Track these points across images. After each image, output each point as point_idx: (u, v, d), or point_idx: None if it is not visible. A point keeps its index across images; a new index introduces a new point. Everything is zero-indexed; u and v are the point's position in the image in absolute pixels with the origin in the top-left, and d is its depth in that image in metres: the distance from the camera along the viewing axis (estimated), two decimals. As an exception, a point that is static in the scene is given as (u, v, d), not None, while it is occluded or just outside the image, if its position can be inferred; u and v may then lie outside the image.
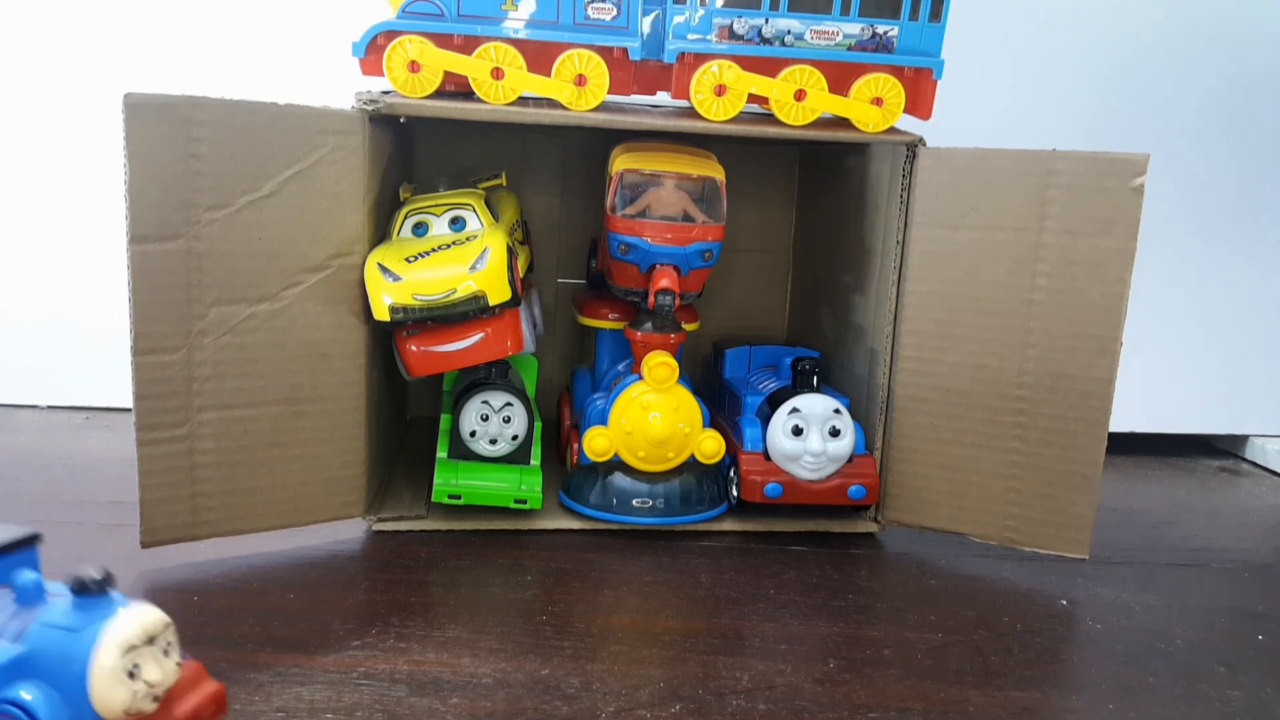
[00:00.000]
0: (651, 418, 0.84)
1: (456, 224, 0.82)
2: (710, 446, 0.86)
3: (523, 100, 0.80)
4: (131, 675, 0.42)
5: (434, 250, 0.77)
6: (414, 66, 0.77)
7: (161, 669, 0.43)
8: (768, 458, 0.86)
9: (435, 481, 0.82)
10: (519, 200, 0.98)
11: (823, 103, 0.81)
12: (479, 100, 0.79)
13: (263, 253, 0.73)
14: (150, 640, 0.43)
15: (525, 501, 0.83)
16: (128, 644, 0.42)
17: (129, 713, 0.42)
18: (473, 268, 0.76)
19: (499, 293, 0.76)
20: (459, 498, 0.82)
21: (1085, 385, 0.78)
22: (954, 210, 0.80)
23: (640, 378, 0.84)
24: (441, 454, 0.84)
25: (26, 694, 0.41)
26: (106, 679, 0.41)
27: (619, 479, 0.85)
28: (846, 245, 0.96)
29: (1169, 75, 1.11)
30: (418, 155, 1.05)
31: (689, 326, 0.91)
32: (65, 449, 1.01)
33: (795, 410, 0.84)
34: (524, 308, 0.84)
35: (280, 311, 0.74)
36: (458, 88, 0.79)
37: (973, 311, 0.81)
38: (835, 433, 0.84)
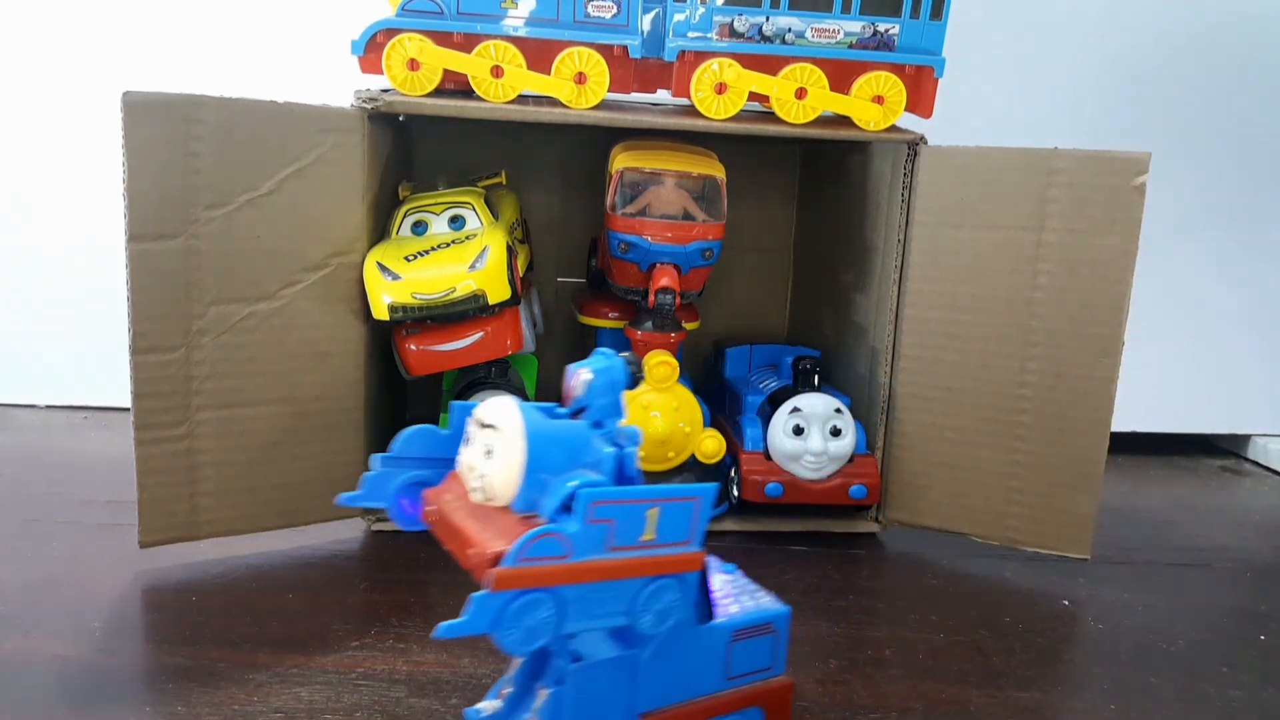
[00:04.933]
0: (652, 417, 0.83)
1: (456, 223, 0.82)
2: (711, 446, 0.85)
3: (522, 98, 0.80)
4: None
5: (433, 249, 0.77)
6: (413, 64, 0.77)
7: None
8: (768, 457, 0.85)
9: (435, 481, 0.82)
10: (518, 199, 0.97)
11: (823, 101, 0.81)
12: (478, 98, 0.79)
13: (262, 251, 0.72)
14: None
15: (525, 501, 0.83)
16: None
17: None
18: (472, 266, 0.75)
19: (498, 292, 0.76)
20: (459, 497, 0.82)
21: (1087, 384, 0.78)
22: (955, 209, 0.80)
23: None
24: (441, 453, 0.84)
25: None
26: None
27: (619, 478, 0.85)
28: (848, 244, 0.95)
29: (1172, 73, 1.10)
30: (417, 154, 1.05)
31: (689, 325, 0.91)
32: (64, 448, 1.01)
33: (796, 410, 0.84)
34: (524, 307, 0.84)
35: (279, 310, 0.74)
36: (457, 86, 0.79)
37: (974, 310, 0.81)
38: (836, 432, 0.84)
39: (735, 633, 0.52)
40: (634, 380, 0.51)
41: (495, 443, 0.46)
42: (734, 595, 0.55)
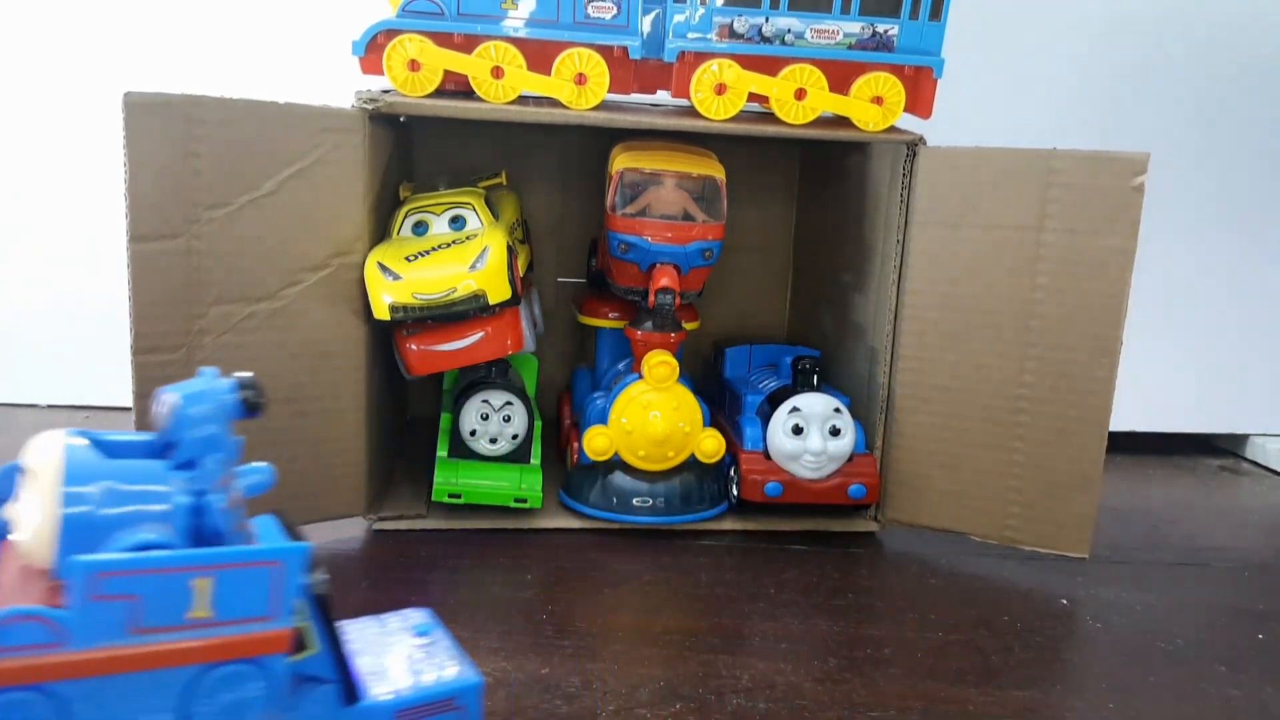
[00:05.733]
0: (652, 417, 0.83)
1: (456, 223, 0.82)
2: (710, 445, 0.86)
3: (523, 99, 0.80)
4: None
5: (434, 249, 0.77)
6: (414, 65, 0.77)
7: None
8: (768, 457, 0.86)
9: (435, 480, 0.82)
10: (519, 199, 0.98)
11: (823, 101, 0.81)
12: (479, 99, 0.79)
13: (263, 251, 0.73)
14: None
15: (525, 500, 0.83)
16: None
17: None
18: (473, 267, 0.76)
19: (499, 292, 0.76)
20: (459, 497, 0.82)
21: (1086, 384, 0.78)
22: (954, 209, 0.80)
23: (640, 377, 0.84)
24: (442, 453, 0.84)
25: None
26: None
27: (619, 478, 0.85)
28: (847, 244, 0.96)
29: (1171, 74, 1.10)
30: (418, 154, 1.05)
31: (689, 325, 0.91)
32: (65, 448, 1.01)
33: (795, 409, 0.84)
34: (524, 307, 0.84)
35: (280, 310, 0.74)
36: (458, 86, 0.79)
37: (973, 310, 0.81)
38: (835, 432, 0.84)
39: (398, 714, 0.44)
40: (247, 406, 0.41)
41: (31, 490, 0.37)
42: (415, 666, 0.47)
